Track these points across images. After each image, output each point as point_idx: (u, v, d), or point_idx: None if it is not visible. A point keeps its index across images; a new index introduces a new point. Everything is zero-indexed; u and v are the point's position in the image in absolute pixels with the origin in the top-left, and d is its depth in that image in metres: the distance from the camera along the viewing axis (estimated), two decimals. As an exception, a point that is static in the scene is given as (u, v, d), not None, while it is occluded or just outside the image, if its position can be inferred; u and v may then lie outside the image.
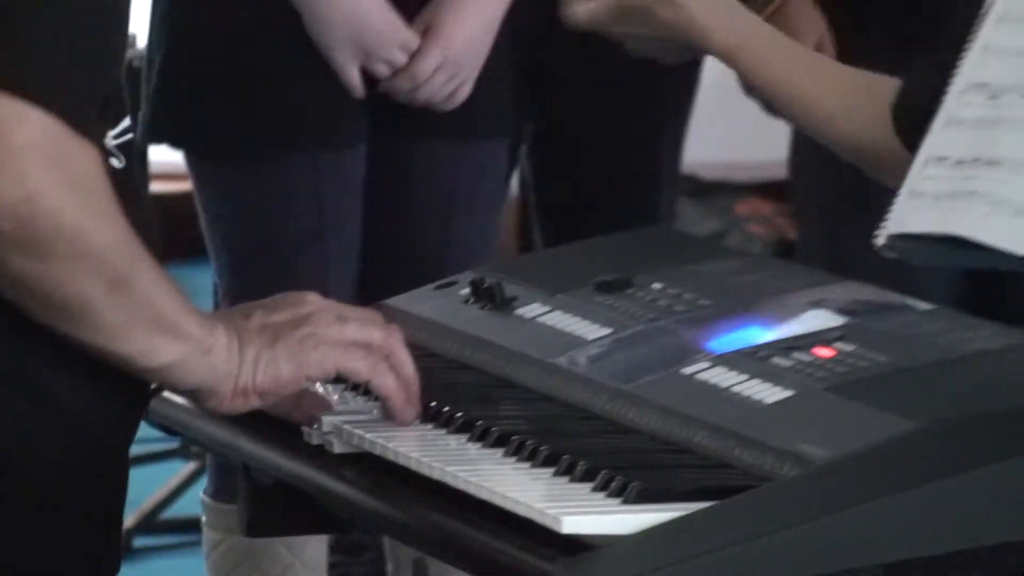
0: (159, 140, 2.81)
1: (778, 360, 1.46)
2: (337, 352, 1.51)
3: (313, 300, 1.55)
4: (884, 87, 2.00)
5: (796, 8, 2.82)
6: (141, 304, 1.41)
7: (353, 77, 2.58)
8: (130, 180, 1.51)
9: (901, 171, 1.76)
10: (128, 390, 1.46)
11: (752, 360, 1.46)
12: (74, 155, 1.38)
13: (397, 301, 1.79)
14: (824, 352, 1.48)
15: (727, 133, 3.87)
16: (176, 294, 1.44)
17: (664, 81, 3.01)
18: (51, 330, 1.37)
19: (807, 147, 2.88)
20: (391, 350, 1.53)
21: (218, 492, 2.81)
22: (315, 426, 1.47)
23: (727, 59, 1.96)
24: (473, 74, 2.67)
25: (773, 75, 1.99)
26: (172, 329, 1.41)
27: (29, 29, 1.37)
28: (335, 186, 2.66)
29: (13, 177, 1.34)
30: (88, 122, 1.38)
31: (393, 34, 2.60)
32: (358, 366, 1.51)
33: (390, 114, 2.72)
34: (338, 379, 1.58)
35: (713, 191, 4.92)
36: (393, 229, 2.72)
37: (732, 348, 1.51)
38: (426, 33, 2.63)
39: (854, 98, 2.01)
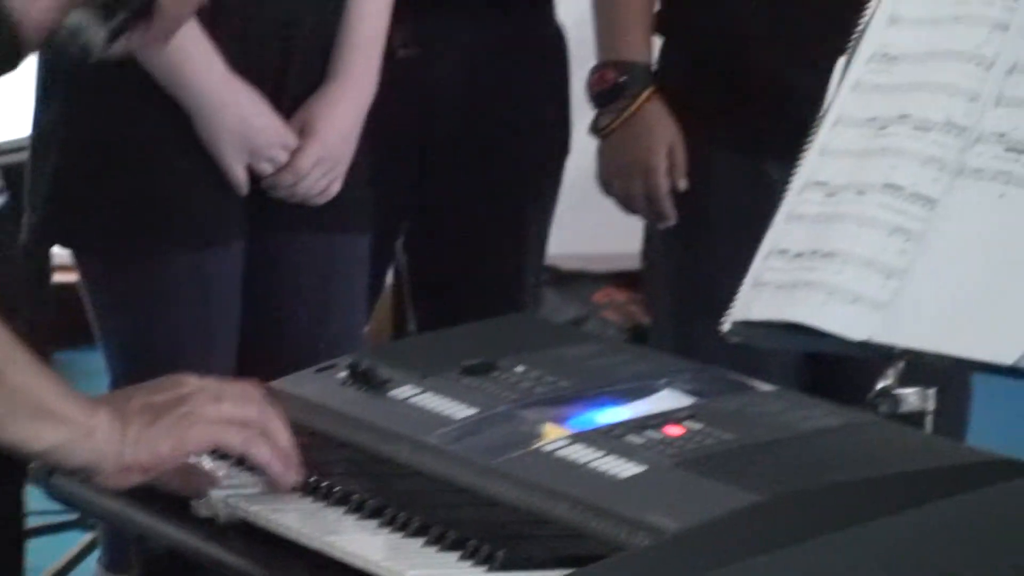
0: (50, 243, 2.89)
1: (632, 438, 1.52)
2: (213, 428, 1.56)
3: (191, 381, 1.60)
4: None
5: (650, 114, 2.89)
6: (19, 394, 1.48)
7: (239, 176, 2.66)
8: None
9: None
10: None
11: (608, 438, 1.52)
12: None
13: (279, 383, 1.85)
14: (674, 430, 1.55)
15: (586, 227, 3.93)
16: (54, 382, 1.52)
17: (531, 177, 3.10)
18: None
19: (659, 240, 2.98)
20: (266, 424, 1.58)
21: (112, 563, 2.82)
22: (203, 499, 1.52)
23: None
24: (344, 169, 2.75)
25: None
26: (52, 415, 1.48)
27: None
28: (219, 280, 2.71)
29: None
30: None
31: (276, 135, 2.69)
32: (233, 440, 1.57)
33: (266, 209, 2.78)
34: (226, 455, 1.64)
35: (572, 280, 5.03)
36: (271, 318, 2.78)
37: (589, 427, 1.57)
38: (303, 132, 2.72)
39: None
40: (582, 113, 3.04)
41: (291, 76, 2.76)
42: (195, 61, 2.69)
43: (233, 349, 2.77)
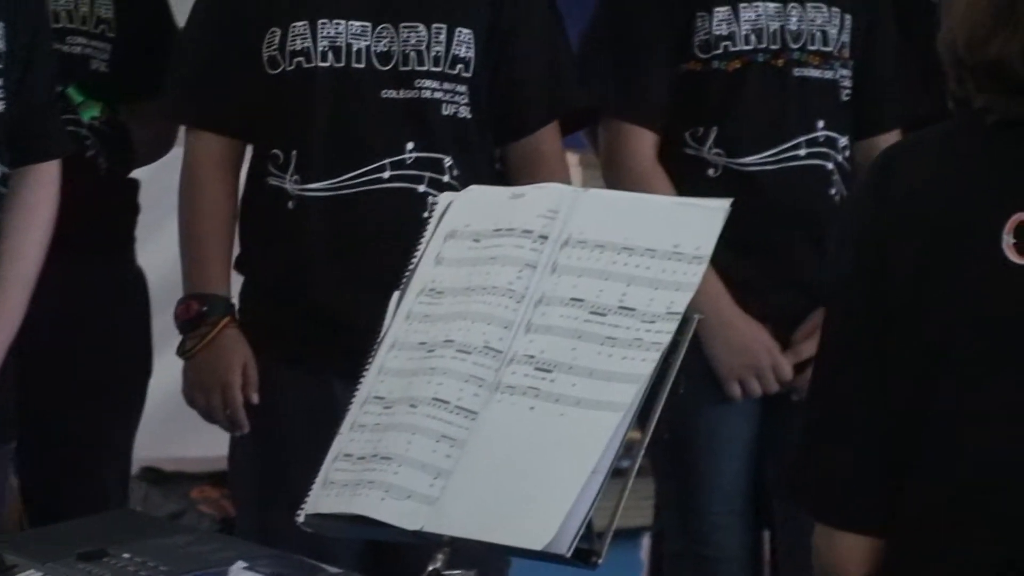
0: None
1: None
2: None
3: None
4: None
5: (228, 338, 3.06)
6: None
7: None
8: None
9: None
10: None
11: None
12: None
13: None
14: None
15: (181, 433, 4.10)
16: None
17: (117, 395, 3.42)
18: None
19: (241, 445, 3.17)
20: None
21: None
22: None
23: None
24: None
25: None
26: None
27: None
28: None
29: None
30: None
31: None
32: None
33: None
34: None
35: (172, 479, 5.12)
36: None
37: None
38: None
39: None
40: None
41: None
42: None
43: None
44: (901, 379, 2.02)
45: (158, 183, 3.48)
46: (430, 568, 1.93)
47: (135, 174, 3.47)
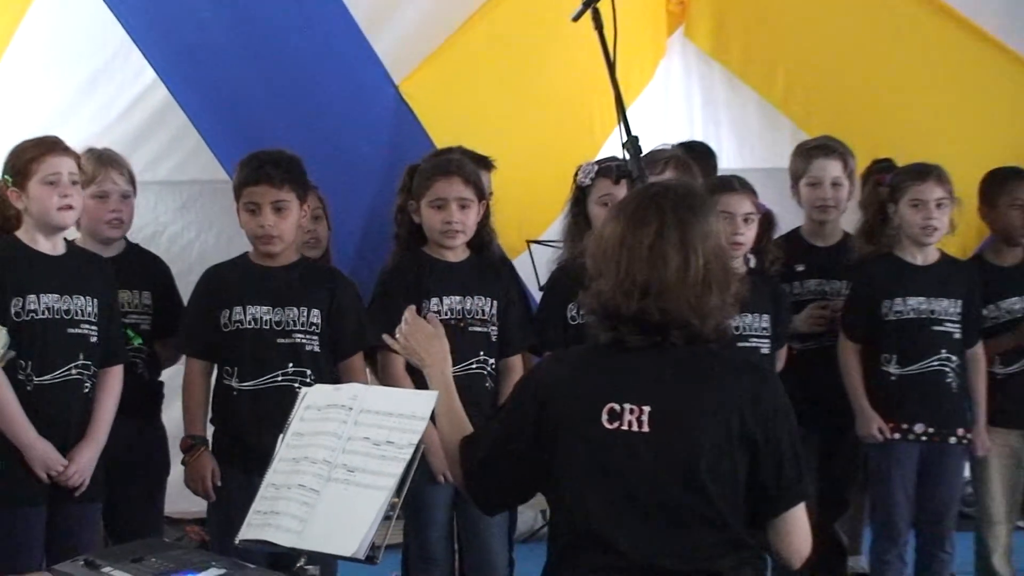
0: None
1: None
2: None
3: None
4: None
5: (204, 457, 5.38)
6: None
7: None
8: None
9: None
10: None
11: None
12: None
13: None
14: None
15: (183, 499, 5.88)
16: None
17: (152, 483, 5.78)
18: None
19: (211, 506, 5.19)
20: None
21: None
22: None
23: None
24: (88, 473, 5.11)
25: None
26: None
27: None
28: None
29: None
30: None
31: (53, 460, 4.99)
32: None
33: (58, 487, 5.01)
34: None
35: (177, 522, 7.21)
36: None
37: None
38: (70, 459, 5.06)
39: None
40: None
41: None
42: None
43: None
44: (543, 463, 3.40)
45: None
46: (297, 565, 3.26)
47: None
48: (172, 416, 5.61)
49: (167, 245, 7.00)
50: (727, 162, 7.23)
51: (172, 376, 5.71)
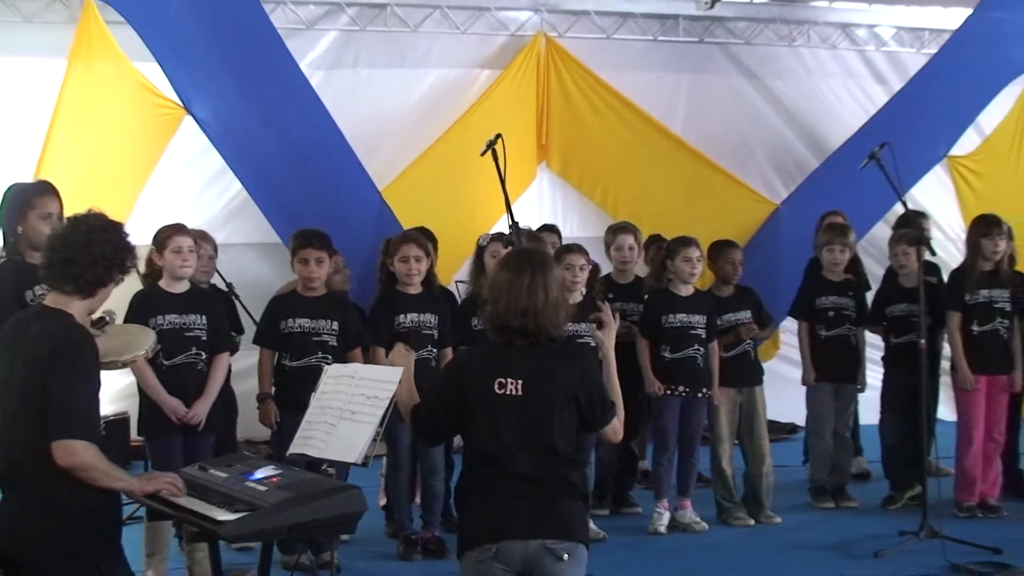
0: None
1: None
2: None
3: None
4: None
5: (269, 406, 8.48)
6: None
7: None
8: None
9: None
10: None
11: None
12: None
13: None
14: None
15: (253, 426, 9.28)
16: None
17: (228, 427, 8.42)
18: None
19: (272, 434, 7.91)
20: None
21: None
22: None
23: None
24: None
25: None
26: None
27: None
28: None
29: None
30: None
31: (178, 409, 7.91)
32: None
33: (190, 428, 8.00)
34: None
35: (250, 443, 10.79)
36: None
37: None
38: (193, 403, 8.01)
39: None
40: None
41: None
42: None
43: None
44: (462, 419, 5.05)
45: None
46: (322, 468, 5.77)
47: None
48: (242, 388, 9.32)
49: (251, 282, 11.04)
50: (569, 233, 12.19)
51: (244, 365, 9.70)
